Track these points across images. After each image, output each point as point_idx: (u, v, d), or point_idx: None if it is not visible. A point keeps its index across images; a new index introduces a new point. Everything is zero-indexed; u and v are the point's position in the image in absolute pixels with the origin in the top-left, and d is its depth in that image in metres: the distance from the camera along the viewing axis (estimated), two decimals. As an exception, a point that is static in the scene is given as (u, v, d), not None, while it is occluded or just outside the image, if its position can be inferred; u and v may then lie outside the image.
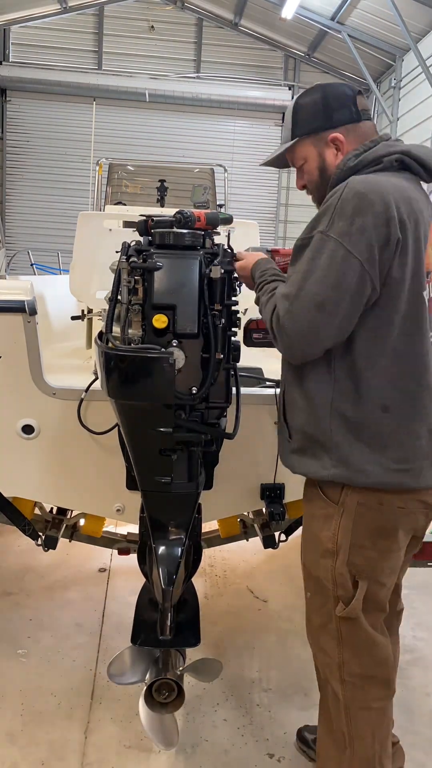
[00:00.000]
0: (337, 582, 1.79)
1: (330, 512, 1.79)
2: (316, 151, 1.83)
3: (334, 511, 1.78)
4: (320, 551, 1.82)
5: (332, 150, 1.80)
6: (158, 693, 1.93)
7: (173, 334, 1.72)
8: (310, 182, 1.88)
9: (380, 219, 1.58)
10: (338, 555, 1.79)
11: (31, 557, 3.80)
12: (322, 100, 1.81)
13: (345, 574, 1.78)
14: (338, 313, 1.61)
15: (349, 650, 1.84)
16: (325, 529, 1.80)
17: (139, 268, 1.69)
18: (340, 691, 1.87)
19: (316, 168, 1.84)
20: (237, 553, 3.92)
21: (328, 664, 1.89)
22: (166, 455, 1.81)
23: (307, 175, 1.88)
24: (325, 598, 1.84)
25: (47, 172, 14.73)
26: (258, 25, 14.73)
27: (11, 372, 2.31)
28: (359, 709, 1.87)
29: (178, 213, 1.78)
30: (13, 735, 2.44)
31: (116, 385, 1.74)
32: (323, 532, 1.81)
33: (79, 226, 3.51)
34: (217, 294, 1.75)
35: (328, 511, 1.80)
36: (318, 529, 1.83)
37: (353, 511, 1.76)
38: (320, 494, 1.82)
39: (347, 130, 1.79)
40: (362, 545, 1.77)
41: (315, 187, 1.88)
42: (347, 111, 1.80)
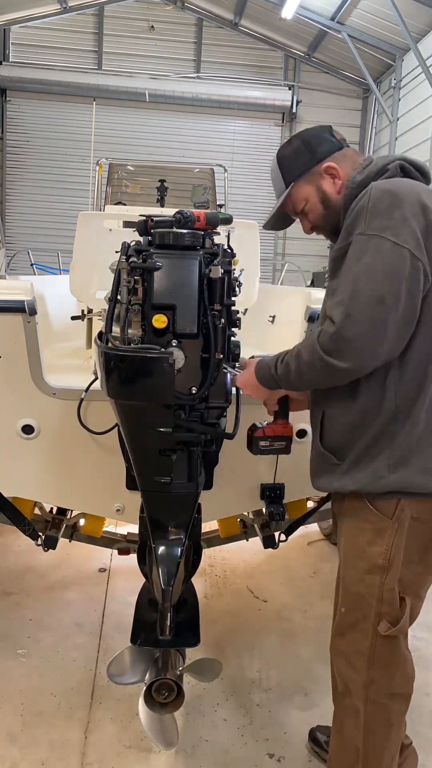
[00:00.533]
0: (384, 599, 1.76)
1: (383, 526, 1.74)
2: (313, 188, 1.85)
3: (387, 525, 1.73)
4: (367, 567, 1.76)
5: (328, 180, 1.83)
6: (158, 693, 1.93)
7: (173, 334, 1.72)
8: (317, 219, 1.89)
9: (416, 208, 1.59)
10: (389, 572, 1.74)
11: (31, 557, 3.80)
12: (302, 143, 1.88)
13: (395, 591, 1.75)
14: (400, 305, 1.57)
15: (380, 669, 1.81)
16: (376, 544, 1.75)
17: (138, 268, 1.69)
18: (362, 709, 1.84)
19: (319, 202, 1.85)
20: (237, 553, 3.92)
21: (354, 681, 1.85)
22: (166, 455, 1.81)
23: (311, 214, 1.89)
24: (364, 615, 1.79)
25: (47, 172, 14.71)
26: (258, 25, 14.72)
27: (11, 372, 2.31)
28: (379, 726, 1.85)
29: (178, 213, 1.78)
30: (14, 735, 2.44)
31: (116, 385, 1.74)
32: (373, 548, 1.75)
33: (79, 226, 3.51)
34: (217, 294, 1.75)
35: (380, 525, 1.74)
36: (367, 543, 1.76)
37: (406, 526, 1.73)
38: (369, 507, 1.75)
39: (335, 158, 1.83)
40: (411, 560, 1.76)
41: (323, 220, 1.88)
42: (328, 143, 1.85)
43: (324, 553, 4.10)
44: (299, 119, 15.26)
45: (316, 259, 13.29)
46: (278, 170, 1.91)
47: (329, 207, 1.84)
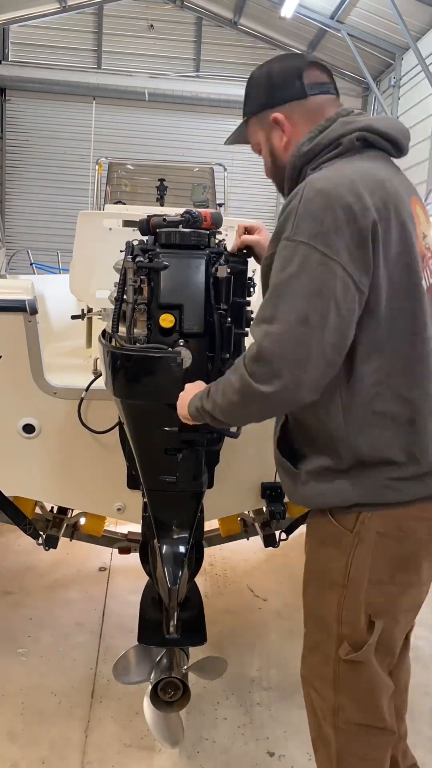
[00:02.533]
0: (343, 620, 1.56)
1: (342, 541, 1.55)
2: (264, 135, 1.65)
3: (347, 540, 1.54)
4: (325, 583, 1.59)
5: (278, 132, 1.60)
6: (164, 692, 1.93)
7: (180, 334, 1.72)
8: (267, 169, 1.70)
9: (352, 212, 1.34)
10: (348, 589, 1.55)
11: (31, 556, 3.80)
12: (266, 76, 1.62)
13: (356, 612, 1.55)
14: (328, 327, 1.34)
15: (347, 695, 1.60)
16: (336, 559, 1.56)
17: (145, 268, 1.69)
18: (332, 738, 1.63)
19: (268, 153, 1.66)
20: (237, 552, 3.92)
21: (321, 707, 1.66)
22: (171, 454, 1.81)
23: (265, 162, 1.69)
24: (325, 636, 1.61)
25: (47, 171, 14.71)
26: (257, 23, 14.72)
27: (12, 371, 2.31)
28: (353, 758, 1.64)
29: (186, 213, 1.78)
30: (14, 734, 2.44)
31: (123, 384, 1.74)
32: (332, 563, 1.57)
33: (79, 225, 3.50)
34: (223, 293, 1.75)
35: (339, 540, 1.56)
36: (326, 559, 1.59)
37: (372, 542, 1.53)
38: (331, 521, 1.57)
39: (291, 108, 1.57)
40: (381, 581, 1.54)
41: (272, 175, 1.69)
42: (289, 87, 1.58)
43: (324, 552, 4.10)
44: (299, 118, 15.26)
45: None
46: (244, 96, 1.69)
47: (275, 163, 1.64)
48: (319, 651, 1.64)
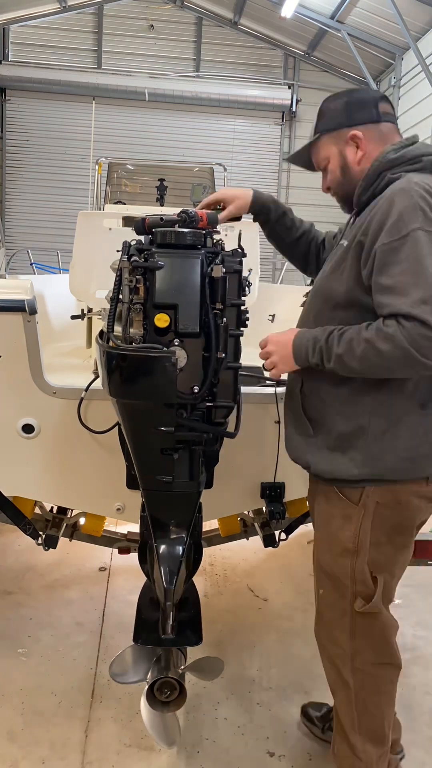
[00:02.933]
0: (356, 579, 1.85)
1: (350, 512, 1.83)
2: (337, 150, 1.87)
3: (354, 512, 1.82)
4: (338, 550, 1.86)
5: (352, 148, 1.84)
6: (160, 692, 1.93)
7: (175, 333, 1.72)
8: (332, 181, 1.91)
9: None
10: (359, 554, 1.83)
11: (31, 556, 3.80)
12: (345, 101, 1.88)
13: (365, 571, 1.84)
14: None
15: (363, 641, 1.90)
16: (345, 529, 1.84)
17: (140, 267, 1.69)
18: (351, 680, 1.93)
19: (339, 167, 1.87)
20: (237, 552, 3.92)
21: (339, 655, 1.94)
22: (168, 454, 1.81)
23: (330, 175, 1.91)
24: (341, 594, 1.89)
25: (47, 171, 14.71)
26: (257, 23, 14.72)
27: (11, 371, 2.31)
28: (369, 695, 1.94)
29: (182, 212, 1.78)
30: (14, 734, 2.44)
31: (118, 384, 1.74)
32: (343, 532, 1.85)
33: (79, 225, 3.51)
34: (219, 293, 1.74)
35: (347, 512, 1.83)
36: (337, 528, 1.87)
37: (373, 510, 1.81)
38: (339, 495, 1.85)
39: (367, 129, 1.83)
40: (380, 542, 1.83)
41: (338, 186, 1.90)
42: (367, 111, 1.84)
43: (324, 551, 4.10)
44: (299, 118, 15.27)
45: None
46: (316, 117, 1.92)
47: (346, 175, 1.87)
48: (337, 607, 1.91)
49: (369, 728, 1.96)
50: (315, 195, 13.69)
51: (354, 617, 1.88)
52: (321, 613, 2.00)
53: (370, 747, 1.96)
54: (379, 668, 1.93)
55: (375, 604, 1.86)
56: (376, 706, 1.95)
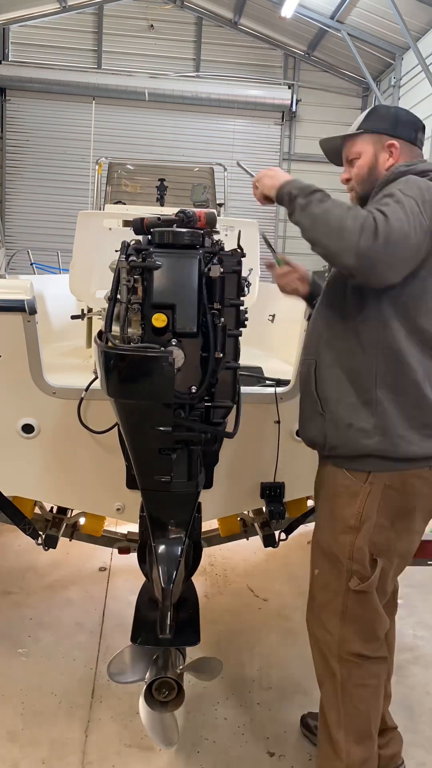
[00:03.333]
0: (354, 557, 1.90)
1: (356, 490, 1.89)
2: (372, 150, 1.98)
3: (360, 489, 1.88)
4: (341, 528, 1.92)
5: (386, 154, 1.97)
6: (158, 692, 1.93)
7: (173, 333, 1.72)
8: (357, 176, 2.00)
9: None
10: (360, 532, 1.89)
11: (31, 556, 3.80)
12: (395, 111, 2.03)
13: (364, 551, 1.89)
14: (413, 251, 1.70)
15: (351, 627, 1.94)
16: (349, 506, 1.90)
17: (138, 267, 1.69)
18: (337, 669, 1.97)
19: (368, 165, 1.98)
20: (237, 552, 3.92)
21: (327, 642, 1.99)
22: (166, 454, 1.81)
23: (356, 170, 2.00)
24: (336, 573, 1.95)
25: (47, 171, 14.71)
26: (257, 23, 14.72)
27: (11, 371, 2.31)
28: (354, 687, 1.97)
29: (180, 212, 1.78)
30: (14, 734, 2.44)
31: (116, 384, 1.74)
32: (347, 510, 1.91)
33: (79, 225, 3.51)
34: (216, 293, 1.74)
35: (353, 490, 1.89)
36: (341, 506, 1.92)
37: (380, 491, 1.87)
38: (345, 473, 1.91)
39: (402, 144, 1.97)
40: (383, 525, 1.89)
41: (360, 182, 2.00)
42: (410, 131, 2.00)
43: (324, 551, 4.10)
44: (299, 118, 15.27)
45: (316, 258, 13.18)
46: (365, 115, 2.04)
47: (371, 175, 1.97)
48: (330, 588, 1.98)
49: (354, 724, 1.97)
50: (315, 195, 13.53)
51: (346, 599, 1.93)
52: (313, 595, 2.06)
53: (354, 748, 1.96)
54: (364, 661, 1.97)
55: (371, 584, 1.90)
56: (362, 699, 1.98)
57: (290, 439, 2.51)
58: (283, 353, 3.60)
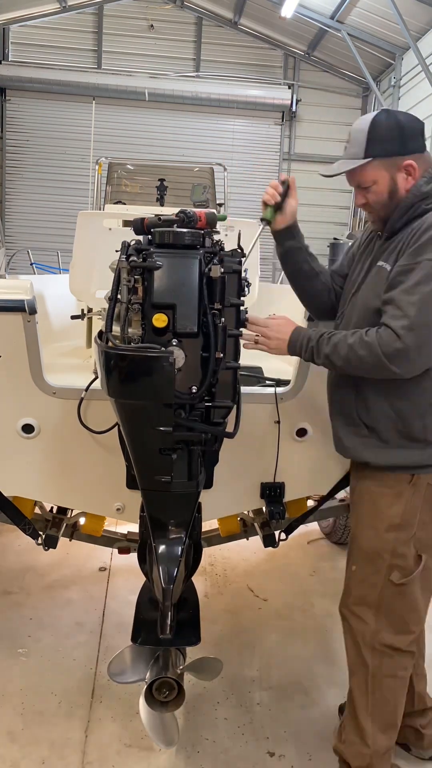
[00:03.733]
0: (398, 553, 1.99)
1: (401, 490, 1.99)
2: (388, 175, 1.93)
3: (405, 489, 1.98)
4: (385, 526, 2.00)
5: (403, 175, 1.93)
6: (158, 692, 1.93)
7: (173, 333, 1.72)
8: (377, 203, 1.98)
9: None
10: (405, 529, 1.99)
11: (31, 556, 3.80)
12: (398, 126, 1.92)
13: (410, 546, 1.99)
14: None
15: (387, 619, 2.03)
16: (395, 505, 1.99)
17: (138, 267, 1.69)
18: (369, 659, 2.05)
19: (387, 191, 1.94)
20: (237, 552, 3.92)
21: (362, 632, 2.07)
22: (166, 454, 1.81)
23: (374, 196, 1.97)
24: (375, 569, 2.02)
25: (47, 171, 14.68)
26: (257, 23, 14.69)
27: (11, 371, 2.31)
28: (385, 677, 2.05)
29: (181, 212, 1.78)
30: (14, 734, 2.44)
31: (116, 384, 1.74)
32: (392, 509, 1.99)
33: (79, 225, 3.51)
34: (217, 293, 1.75)
35: (398, 489, 1.99)
36: (386, 505, 2.01)
37: (423, 491, 1.99)
38: (389, 475, 2.00)
39: (417, 158, 1.92)
40: (425, 521, 2.01)
41: (381, 208, 1.98)
42: (419, 140, 1.95)
43: (324, 551, 4.10)
44: (299, 118, 15.25)
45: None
46: (365, 135, 1.92)
47: (393, 199, 1.95)
48: (368, 582, 2.04)
49: (381, 713, 2.05)
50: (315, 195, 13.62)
51: (384, 591, 2.01)
52: (349, 589, 2.12)
53: (380, 736, 2.04)
54: (396, 653, 2.04)
55: (413, 579, 2.00)
56: (391, 690, 2.06)
57: (290, 439, 2.52)
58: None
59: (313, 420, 2.50)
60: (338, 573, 3.76)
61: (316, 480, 2.65)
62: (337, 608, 2.20)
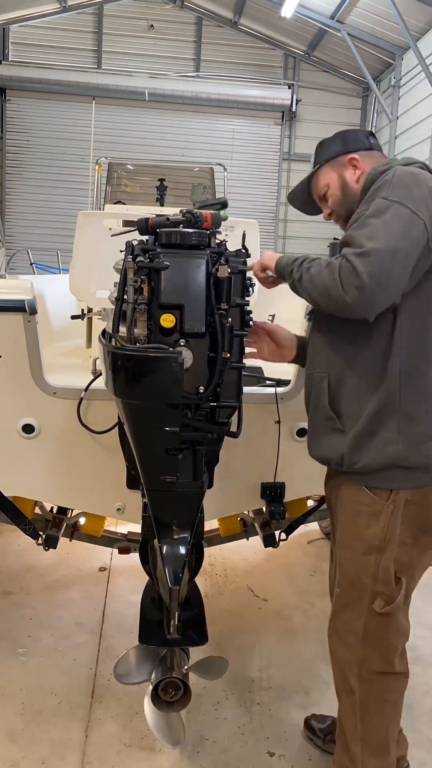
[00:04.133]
0: (379, 578, 1.85)
1: (377, 509, 1.83)
2: (336, 174, 2.02)
3: (382, 508, 1.83)
4: (363, 548, 1.86)
5: (350, 170, 2.00)
6: (164, 692, 1.93)
7: (181, 334, 1.72)
8: (334, 204, 2.04)
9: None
10: (384, 552, 1.84)
11: (31, 556, 3.80)
12: (340, 134, 2.08)
13: (390, 571, 1.84)
14: (408, 262, 1.71)
15: (372, 647, 1.89)
16: (372, 525, 1.84)
17: (145, 268, 1.69)
18: (357, 687, 1.92)
19: (338, 188, 2.01)
20: (237, 552, 3.92)
21: (347, 661, 1.93)
22: (172, 454, 1.80)
23: (331, 199, 2.04)
24: (359, 595, 1.88)
25: (47, 171, 14.70)
26: (257, 23, 14.71)
27: (11, 371, 2.31)
28: (374, 702, 1.93)
29: (187, 213, 1.77)
30: (14, 734, 2.44)
31: (123, 384, 1.73)
32: (369, 529, 1.84)
33: (79, 225, 3.50)
34: (224, 293, 1.74)
35: (375, 508, 1.83)
36: (363, 526, 1.86)
37: (401, 508, 1.83)
38: (365, 491, 1.84)
39: (361, 154, 2.01)
40: (405, 542, 1.85)
41: (339, 205, 2.03)
42: (360, 142, 2.04)
43: (324, 551, 4.10)
44: (299, 118, 15.26)
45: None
46: (314, 155, 2.10)
47: (347, 194, 2.00)
48: (352, 609, 1.90)
49: (371, 738, 1.94)
50: (315, 195, 13.47)
51: (368, 620, 1.87)
52: (336, 613, 1.99)
53: (370, 760, 1.94)
54: (385, 677, 1.92)
55: (396, 605, 1.86)
56: (380, 714, 1.94)
57: (291, 439, 2.52)
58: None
59: (314, 420, 2.50)
60: (338, 573, 3.77)
61: (317, 480, 2.64)
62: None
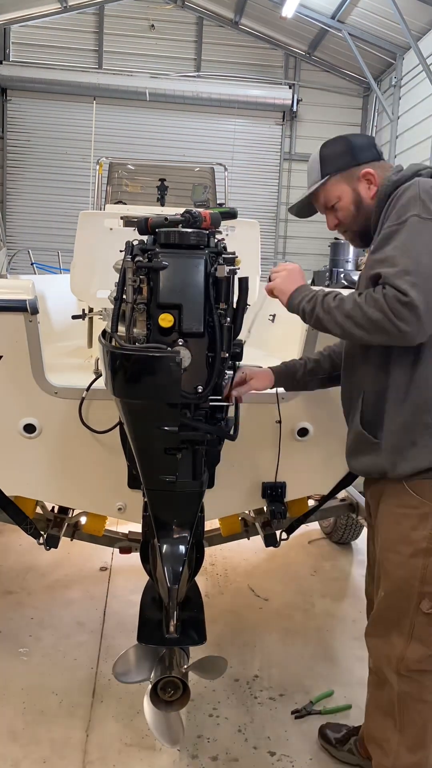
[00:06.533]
0: (426, 580, 1.86)
1: (425, 511, 1.84)
2: (349, 188, 1.96)
3: (429, 510, 1.84)
4: (411, 551, 1.86)
5: (365, 184, 1.94)
6: (164, 691, 1.93)
7: (179, 333, 1.72)
8: (346, 218, 1.99)
9: None
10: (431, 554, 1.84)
11: (32, 556, 3.81)
12: (346, 144, 1.99)
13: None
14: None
15: (416, 646, 1.91)
16: (421, 528, 1.85)
17: (144, 268, 1.69)
18: (395, 682, 1.96)
19: (352, 203, 1.96)
20: (238, 552, 3.93)
21: (386, 655, 1.96)
22: (171, 454, 1.81)
23: (342, 212, 1.99)
24: (406, 595, 1.89)
25: (48, 171, 14.70)
26: (258, 23, 14.71)
27: (13, 371, 2.31)
28: (413, 701, 1.96)
29: (186, 212, 1.78)
30: (15, 733, 2.44)
31: (122, 383, 1.74)
32: (416, 532, 1.85)
33: (80, 225, 3.51)
34: (222, 293, 1.75)
35: (423, 511, 1.84)
36: (410, 528, 1.87)
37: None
38: (410, 492, 1.86)
39: (374, 166, 1.95)
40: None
41: (352, 221, 1.99)
42: (371, 151, 1.98)
43: (325, 551, 4.10)
44: (300, 118, 15.26)
45: (317, 258, 13.28)
46: (318, 161, 2.01)
47: (361, 210, 1.95)
48: (398, 609, 1.92)
49: (408, 733, 1.97)
50: (316, 195, 13.41)
51: (414, 619, 1.89)
52: (380, 614, 1.99)
53: (406, 755, 1.97)
54: (424, 674, 1.94)
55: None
56: (419, 713, 1.96)
57: (291, 439, 2.52)
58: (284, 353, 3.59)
59: (315, 420, 2.50)
60: (339, 573, 3.77)
61: (318, 480, 2.66)
62: (337, 608, 2.20)
